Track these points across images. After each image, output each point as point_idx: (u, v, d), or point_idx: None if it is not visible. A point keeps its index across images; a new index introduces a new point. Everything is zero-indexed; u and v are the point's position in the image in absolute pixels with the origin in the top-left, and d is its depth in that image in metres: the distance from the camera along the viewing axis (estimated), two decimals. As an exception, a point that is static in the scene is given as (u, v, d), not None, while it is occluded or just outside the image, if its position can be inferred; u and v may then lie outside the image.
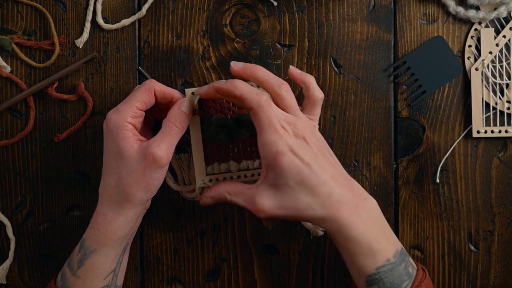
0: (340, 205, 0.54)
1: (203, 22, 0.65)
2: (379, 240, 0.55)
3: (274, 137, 0.54)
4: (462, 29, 0.66)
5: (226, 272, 0.66)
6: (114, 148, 0.56)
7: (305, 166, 0.54)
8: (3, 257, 0.65)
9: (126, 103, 0.57)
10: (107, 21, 0.65)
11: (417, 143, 0.66)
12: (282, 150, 0.53)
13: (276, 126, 0.54)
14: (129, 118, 0.56)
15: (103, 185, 0.58)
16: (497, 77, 0.65)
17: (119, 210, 0.56)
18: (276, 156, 0.53)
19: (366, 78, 0.66)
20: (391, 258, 0.55)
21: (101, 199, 0.57)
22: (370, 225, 0.55)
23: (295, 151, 0.54)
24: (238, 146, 0.61)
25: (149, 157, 0.55)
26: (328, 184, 0.54)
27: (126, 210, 0.56)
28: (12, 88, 0.65)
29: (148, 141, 0.56)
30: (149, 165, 0.55)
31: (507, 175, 0.66)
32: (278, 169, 0.54)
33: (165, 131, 0.57)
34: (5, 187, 0.65)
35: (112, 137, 0.56)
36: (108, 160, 0.57)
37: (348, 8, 0.65)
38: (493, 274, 0.66)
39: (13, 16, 0.65)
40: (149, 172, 0.55)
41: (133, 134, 0.56)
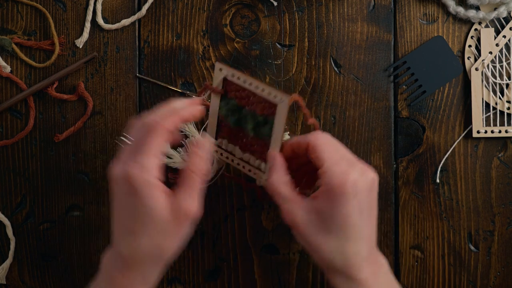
0: (361, 266, 0.51)
1: (203, 22, 0.65)
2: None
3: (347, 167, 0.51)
4: (462, 29, 0.66)
5: (226, 272, 0.66)
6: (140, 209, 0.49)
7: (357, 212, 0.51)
8: (3, 257, 0.65)
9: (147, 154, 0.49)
10: (107, 21, 0.65)
11: (417, 143, 0.66)
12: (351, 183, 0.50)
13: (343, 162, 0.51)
14: (155, 172, 0.49)
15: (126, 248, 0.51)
16: (497, 77, 0.65)
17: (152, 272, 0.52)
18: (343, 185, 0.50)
19: (366, 78, 0.66)
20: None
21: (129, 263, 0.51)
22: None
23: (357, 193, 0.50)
24: (247, 138, 0.58)
25: (183, 216, 0.50)
26: (362, 242, 0.51)
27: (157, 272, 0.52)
28: (12, 88, 0.65)
29: (177, 197, 0.50)
30: (184, 223, 0.50)
31: (507, 175, 0.66)
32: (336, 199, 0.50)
33: (189, 183, 0.51)
34: (5, 187, 0.65)
35: (139, 197, 0.49)
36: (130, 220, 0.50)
37: (348, 8, 0.65)
38: (493, 274, 0.66)
39: (13, 16, 0.65)
40: (184, 230, 0.51)
41: (159, 190, 0.49)
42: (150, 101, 0.65)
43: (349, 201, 0.50)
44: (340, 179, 0.50)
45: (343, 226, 0.51)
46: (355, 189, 0.50)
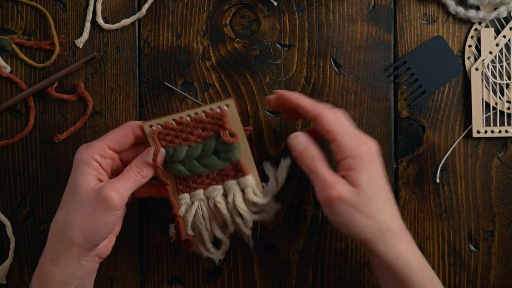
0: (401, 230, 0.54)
1: (203, 22, 0.65)
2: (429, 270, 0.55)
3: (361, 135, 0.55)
4: (462, 29, 0.66)
5: (226, 272, 0.66)
6: (72, 183, 0.55)
7: (382, 175, 0.55)
8: (3, 257, 0.65)
9: (99, 140, 0.56)
10: (107, 21, 0.65)
11: (417, 143, 0.66)
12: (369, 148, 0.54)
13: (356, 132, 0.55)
14: (96, 155, 0.55)
15: (53, 220, 0.55)
16: (497, 77, 0.65)
17: (60, 248, 0.53)
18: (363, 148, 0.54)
19: (366, 78, 0.66)
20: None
21: (48, 235, 0.55)
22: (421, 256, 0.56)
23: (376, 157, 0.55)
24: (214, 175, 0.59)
25: (101, 196, 0.52)
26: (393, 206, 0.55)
27: (66, 252, 0.53)
28: (12, 88, 0.65)
29: (105, 183, 0.54)
30: (99, 204, 0.52)
31: (507, 175, 0.66)
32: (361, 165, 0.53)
33: (124, 174, 0.55)
34: (5, 187, 0.65)
35: (74, 170, 0.55)
36: (64, 194, 0.56)
37: (348, 8, 0.65)
38: (493, 274, 0.66)
39: (13, 16, 0.65)
40: (98, 212, 0.52)
41: (94, 171, 0.54)
42: (150, 101, 0.65)
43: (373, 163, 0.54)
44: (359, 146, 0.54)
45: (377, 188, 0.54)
46: (374, 154, 0.55)
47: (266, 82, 0.65)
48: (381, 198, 0.54)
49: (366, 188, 0.53)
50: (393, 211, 0.55)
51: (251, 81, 0.65)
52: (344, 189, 0.53)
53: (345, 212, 0.53)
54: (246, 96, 0.65)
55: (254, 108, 0.65)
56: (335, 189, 0.53)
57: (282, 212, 0.65)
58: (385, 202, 0.54)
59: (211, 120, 0.58)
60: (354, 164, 0.53)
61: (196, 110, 0.58)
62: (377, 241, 0.53)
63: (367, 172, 0.53)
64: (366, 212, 0.53)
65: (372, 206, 0.53)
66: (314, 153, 0.56)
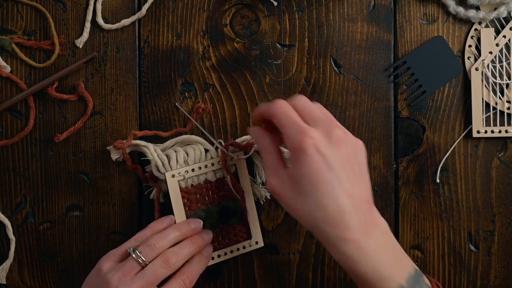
0: (347, 226, 0.50)
1: (203, 22, 0.65)
2: (389, 266, 0.51)
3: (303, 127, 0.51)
4: (462, 29, 0.66)
5: (226, 272, 0.66)
6: None
7: (326, 169, 0.50)
8: (3, 257, 0.65)
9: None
10: (107, 21, 0.65)
11: (417, 143, 0.66)
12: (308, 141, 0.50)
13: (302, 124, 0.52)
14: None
15: None
16: (497, 77, 0.65)
17: None
18: (300, 144, 0.50)
19: (366, 78, 0.66)
20: (404, 283, 0.51)
21: None
22: (380, 251, 0.51)
23: (320, 149, 0.50)
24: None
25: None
26: (341, 200, 0.50)
27: None
28: (12, 88, 0.65)
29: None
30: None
31: (507, 175, 0.66)
32: (299, 159, 0.50)
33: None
34: (5, 187, 0.65)
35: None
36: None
37: (348, 8, 0.65)
38: (493, 274, 0.66)
39: (13, 16, 0.65)
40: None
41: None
42: (150, 101, 0.65)
43: (312, 157, 0.50)
44: (298, 139, 0.51)
45: (314, 183, 0.50)
46: (317, 146, 0.50)
47: (266, 82, 0.65)
48: (321, 193, 0.50)
49: (301, 182, 0.51)
50: (339, 206, 0.50)
51: (251, 81, 0.65)
52: (276, 182, 0.52)
53: (282, 204, 0.53)
54: (246, 96, 0.65)
55: (254, 108, 0.65)
56: (268, 182, 0.53)
57: (282, 212, 0.65)
58: (327, 197, 0.50)
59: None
60: (293, 157, 0.51)
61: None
62: (317, 236, 0.52)
63: (304, 166, 0.50)
64: (301, 208, 0.51)
65: (307, 202, 0.50)
66: (263, 145, 0.55)
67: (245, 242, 0.63)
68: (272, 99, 0.65)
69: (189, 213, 0.62)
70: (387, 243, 0.52)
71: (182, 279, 0.57)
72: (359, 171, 0.53)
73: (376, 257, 0.51)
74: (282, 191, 0.52)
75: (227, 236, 0.63)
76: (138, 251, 0.56)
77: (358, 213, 0.51)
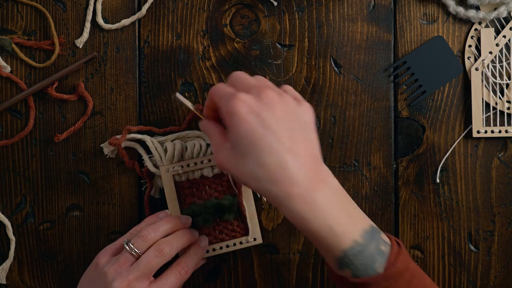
0: (291, 182, 0.49)
1: (203, 22, 0.65)
2: (341, 221, 0.50)
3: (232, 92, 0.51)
4: (462, 29, 0.66)
5: (226, 272, 0.66)
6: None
7: (260, 127, 0.49)
8: (3, 257, 0.65)
9: (140, 279, 0.56)
10: (107, 21, 0.65)
11: (417, 143, 0.66)
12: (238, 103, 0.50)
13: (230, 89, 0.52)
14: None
15: None
16: (497, 77, 0.65)
17: None
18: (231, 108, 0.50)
19: (366, 78, 0.66)
20: (359, 239, 0.50)
21: None
22: (330, 206, 0.50)
23: (253, 110, 0.50)
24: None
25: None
26: (281, 156, 0.49)
27: None
28: (12, 88, 0.65)
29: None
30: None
31: (507, 175, 0.66)
32: (231, 121, 0.50)
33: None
34: (5, 187, 0.65)
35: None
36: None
37: (348, 8, 0.65)
38: (493, 274, 0.66)
39: (13, 16, 0.65)
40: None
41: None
42: (150, 101, 0.65)
43: (245, 117, 0.50)
44: (228, 103, 0.50)
45: (251, 142, 0.50)
46: (249, 107, 0.50)
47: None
48: (258, 150, 0.49)
49: (239, 146, 0.50)
50: (280, 162, 0.49)
51: (251, 81, 0.65)
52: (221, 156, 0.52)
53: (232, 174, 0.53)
54: (246, 96, 0.65)
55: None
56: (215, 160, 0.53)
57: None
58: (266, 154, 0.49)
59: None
60: (229, 123, 0.51)
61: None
62: (266, 197, 0.51)
63: (238, 127, 0.49)
64: (243, 170, 0.50)
65: (247, 162, 0.50)
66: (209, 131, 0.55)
67: (242, 238, 0.64)
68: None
69: (184, 206, 0.62)
70: (338, 199, 0.51)
71: (178, 270, 0.58)
72: (299, 128, 0.51)
73: (326, 213, 0.49)
74: (227, 161, 0.52)
75: (224, 231, 0.63)
76: (131, 243, 0.57)
77: (303, 169, 0.50)
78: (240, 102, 0.50)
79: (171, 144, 0.63)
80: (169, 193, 0.62)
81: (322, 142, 0.65)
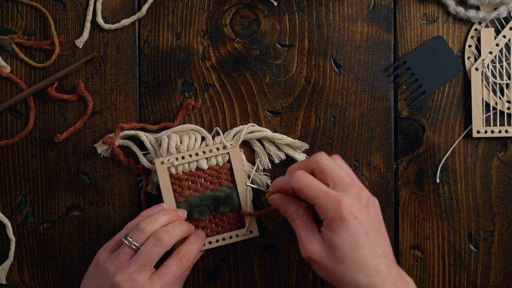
0: (386, 285, 0.52)
1: (203, 22, 0.65)
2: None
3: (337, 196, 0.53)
4: (462, 29, 0.66)
5: (226, 272, 0.66)
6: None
7: (363, 232, 0.53)
8: (3, 257, 0.65)
9: (141, 270, 0.56)
10: (107, 21, 0.65)
11: (417, 143, 0.66)
12: (345, 208, 0.53)
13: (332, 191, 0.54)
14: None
15: None
16: (497, 77, 0.65)
17: None
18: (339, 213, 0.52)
19: (366, 78, 0.66)
20: None
21: None
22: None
23: (356, 215, 0.53)
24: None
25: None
26: (379, 259, 0.53)
27: None
28: (12, 88, 0.65)
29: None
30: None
31: (507, 175, 0.66)
32: (338, 227, 0.53)
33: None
34: (5, 187, 0.65)
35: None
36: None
37: (348, 8, 0.65)
38: (493, 274, 0.66)
39: (13, 16, 0.65)
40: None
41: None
42: (150, 101, 0.65)
43: (350, 224, 0.53)
44: (335, 208, 0.53)
45: (354, 247, 0.52)
46: (353, 212, 0.53)
47: (266, 82, 0.65)
48: (361, 256, 0.52)
49: (341, 248, 0.52)
50: (377, 266, 0.53)
51: (251, 81, 0.65)
52: (315, 249, 0.54)
53: (320, 271, 0.55)
54: (246, 96, 0.65)
55: (254, 108, 0.65)
56: (305, 249, 0.54)
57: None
58: (367, 258, 0.53)
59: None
60: (331, 225, 0.53)
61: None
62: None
63: (344, 233, 0.52)
64: (341, 272, 0.53)
65: (348, 266, 0.52)
66: (291, 212, 0.57)
67: (239, 230, 0.63)
68: (272, 99, 0.65)
69: (180, 199, 0.62)
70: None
71: (178, 257, 0.58)
72: (384, 230, 0.56)
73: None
74: (321, 257, 0.54)
75: (219, 224, 0.63)
76: (129, 237, 0.57)
77: (392, 271, 0.53)
78: (347, 207, 0.53)
79: (165, 137, 0.63)
80: (164, 186, 0.62)
81: (322, 142, 0.65)
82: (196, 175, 0.63)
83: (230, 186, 0.63)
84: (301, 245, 0.55)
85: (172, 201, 0.62)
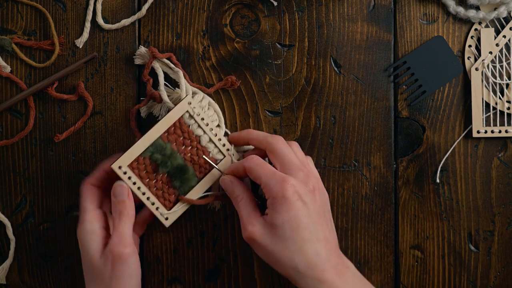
0: (324, 269, 0.53)
1: (203, 22, 0.65)
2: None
3: (282, 176, 0.54)
4: (462, 29, 0.66)
5: (226, 272, 0.66)
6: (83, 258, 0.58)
7: (305, 215, 0.54)
8: (3, 257, 0.65)
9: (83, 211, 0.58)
10: (107, 21, 0.65)
11: (417, 143, 0.66)
12: (289, 188, 0.53)
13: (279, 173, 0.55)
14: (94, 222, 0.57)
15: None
16: (497, 77, 0.65)
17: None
18: (282, 192, 0.53)
19: (366, 78, 0.66)
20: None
21: None
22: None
23: (300, 196, 0.54)
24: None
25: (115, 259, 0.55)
26: (320, 243, 0.54)
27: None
28: (12, 88, 0.65)
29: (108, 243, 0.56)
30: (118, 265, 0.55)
31: (507, 175, 0.66)
32: (280, 206, 0.53)
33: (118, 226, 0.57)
34: (5, 187, 0.65)
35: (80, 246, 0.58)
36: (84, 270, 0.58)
37: (348, 8, 0.65)
38: (493, 274, 0.66)
39: (13, 16, 0.65)
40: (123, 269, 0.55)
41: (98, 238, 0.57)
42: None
43: (293, 204, 0.53)
44: (279, 187, 0.54)
45: (295, 228, 0.53)
46: (296, 193, 0.54)
47: (266, 82, 0.65)
48: (300, 238, 0.53)
49: (282, 228, 0.53)
50: (316, 250, 0.53)
51: (251, 81, 0.65)
52: (256, 230, 0.54)
53: (260, 252, 0.55)
54: (246, 96, 0.65)
55: (254, 108, 0.65)
56: (246, 230, 0.55)
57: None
58: (307, 241, 0.53)
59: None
60: (274, 203, 0.54)
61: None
62: (296, 281, 0.54)
63: (285, 213, 0.53)
64: (280, 253, 0.53)
65: (287, 247, 0.53)
66: (237, 193, 0.58)
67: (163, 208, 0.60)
68: (272, 99, 0.65)
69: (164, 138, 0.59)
70: (358, 282, 0.56)
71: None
72: (329, 218, 0.57)
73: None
74: (261, 238, 0.54)
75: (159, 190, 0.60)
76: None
77: (332, 256, 0.54)
78: (291, 187, 0.54)
79: (202, 93, 0.63)
80: (165, 121, 0.59)
81: (322, 142, 0.65)
82: (191, 139, 0.61)
83: (201, 178, 0.61)
84: (242, 226, 0.55)
85: (158, 133, 0.59)
